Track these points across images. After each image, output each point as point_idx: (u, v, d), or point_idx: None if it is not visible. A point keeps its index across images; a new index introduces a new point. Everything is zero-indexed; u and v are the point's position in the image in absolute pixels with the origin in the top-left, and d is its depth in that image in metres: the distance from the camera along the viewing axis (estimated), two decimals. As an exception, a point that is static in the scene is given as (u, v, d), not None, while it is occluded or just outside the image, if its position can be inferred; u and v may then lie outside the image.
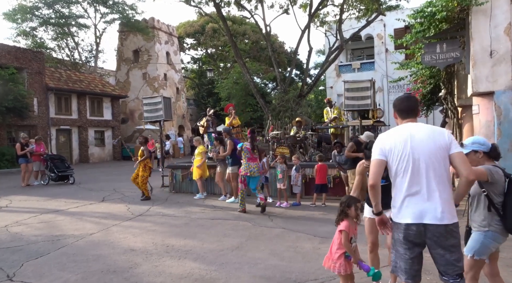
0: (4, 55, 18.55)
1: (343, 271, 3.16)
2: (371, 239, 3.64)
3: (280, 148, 9.91)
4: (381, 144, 2.58)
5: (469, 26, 7.47)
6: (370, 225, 3.59)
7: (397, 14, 18.55)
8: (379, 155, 2.55)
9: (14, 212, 7.85)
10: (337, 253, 3.16)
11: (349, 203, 3.22)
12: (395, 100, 2.79)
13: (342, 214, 3.22)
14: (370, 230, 3.62)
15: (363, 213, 3.67)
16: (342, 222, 3.20)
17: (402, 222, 2.50)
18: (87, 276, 4.06)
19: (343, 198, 3.37)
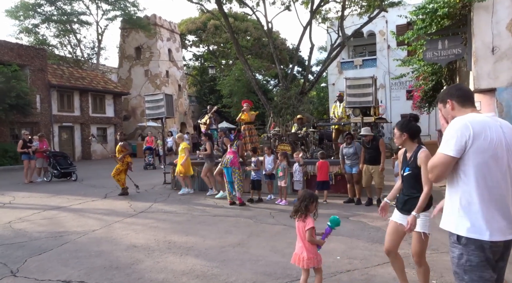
0: (6, 53, 18.60)
1: (320, 263, 3.23)
2: (388, 246, 3.30)
3: (282, 145, 9.93)
4: (459, 137, 1.99)
5: (471, 22, 7.46)
6: (391, 228, 3.30)
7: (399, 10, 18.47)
8: (455, 151, 2.00)
9: (17, 208, 7.91)
10: (313, 248, 3.20)
11: (313, 199, 3.24)
12: (446, 90, 2.35)
13: (305, 210, 3.20)
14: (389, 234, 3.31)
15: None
16: (307, 218, 3.20)
17: (486, 239, 1.95)
18: (89, 272, 4.10)
19: (304, 193, 3.29)
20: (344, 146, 7.85)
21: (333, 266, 4.14)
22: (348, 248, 4.76)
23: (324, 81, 29.43)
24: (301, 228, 3.23)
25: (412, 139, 3.15)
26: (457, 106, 2.21)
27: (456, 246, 2.06)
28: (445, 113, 2.30)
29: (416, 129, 3.18)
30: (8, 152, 16.94)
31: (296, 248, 3.29)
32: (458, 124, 2.03)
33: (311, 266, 3.17)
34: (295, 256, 3.26)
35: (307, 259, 3.15)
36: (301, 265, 3.18)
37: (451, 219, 2.08)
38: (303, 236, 3.20)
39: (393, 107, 22.64)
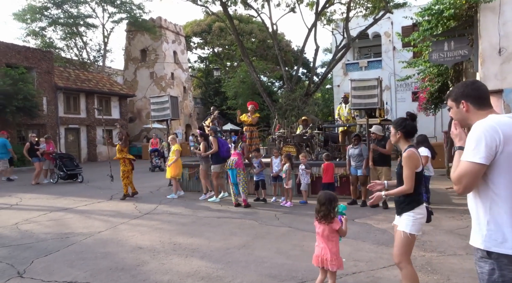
0: (14, 55, 18.79)
1: (342, 266, 3.26)
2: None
3: (287, 146, 9.91)
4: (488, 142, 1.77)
5: (478, 23, 7.41)
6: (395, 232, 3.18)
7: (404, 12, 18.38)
8: (484, 157, 1.77)
9: (24, 209, 7.97)
10: (337, 251, 3.21)
11: (336, 200, 3.28)
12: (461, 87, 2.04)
13: (332, 212, 3.19)
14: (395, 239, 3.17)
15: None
16: (334, 219, 3.21)
17: None
18: (95, 273, 4.12)
19: (327, 195, 3.27)
20: (351, 147, 7.86)
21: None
22: (354, 250, 4.74)
23: (329, 83, 29.38)
24: (326, 230, 3.20)
25: (406, 138, 3.11)
26: (473, 109, 1.95)
27: (486, 261, 1.84)
28: (455, 113, 2.04)
29: (410, 128, 3.12)
30: (15, 153, 17.07)
31: (317, 250, 3.27)
32: (484, 127, 1.80)
33: (335, 269, 3.17)
34: (316, 258, 3.26)
35: (330, 260, 3.15)
36: (325, 266, 3.17)
37: (480, 234, 1.88)
38: (327, 238, 3.21)
39: (399, 109, 22.53)
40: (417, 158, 3.03)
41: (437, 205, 7.18)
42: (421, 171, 3.08)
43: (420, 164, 3.05)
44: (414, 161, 3.00)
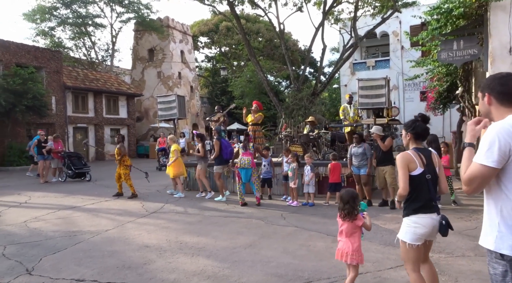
0: (23, 55, 19.01)
1: (363, 261, 3.37)
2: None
3: (293, 146, 9.89)
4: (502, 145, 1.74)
5: (488, 22, 7.31)
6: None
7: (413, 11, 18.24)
8: (497, 161, 1.74)
9: (33, 208, 8.06)
10: (358, 246, 3.31)
11: (357, 197, 3.38)
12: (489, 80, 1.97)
13: (356, 210, 3.28)
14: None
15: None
16: (358, 216, 3.30)
17: None
18: (102, 272, 4.14)
19: (350, 193, 3.33)
20: (353, 146, 7.80)
21: (345, 269, 4.09)
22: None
23: (336, 83, 29.27)
24: (349, 226, 3.31)
25: (416, 140, 3.01)
26: (495, 103, 1.88)
27: (499, 262, 1.82)
28: (480, 104, 1.99)
29: (420, 130, 2.99)
30: (24, 152, 17.28)
31: (339, 244, 3.38)
32: (500, 130, 1.76)
33: (355, 263, 3.29)
34: (338, 251, 3.37)
35: (351, 255, 3.27)
36: (345, 260, 3.31)
37: (492, 236, 1.85)
38: (350, 234, 3.31)
39: (407, 108, 22.34)
40: (410, 159, 2.89)
41: (445, 205, 7.12)
42: (419, 174, 2.86)
43: (416, 166, 2.87)
44: (404, 161, 2.88)
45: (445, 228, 2.83)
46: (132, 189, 9.06)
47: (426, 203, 2.87)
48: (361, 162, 7.62)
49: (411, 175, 2.87)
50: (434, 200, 2.90)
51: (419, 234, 2.85)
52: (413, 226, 2.86)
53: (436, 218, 2.87)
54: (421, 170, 2.87)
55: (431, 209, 2.88)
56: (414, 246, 2.86)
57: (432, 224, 2.86)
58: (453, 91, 11.12)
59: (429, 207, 2.88)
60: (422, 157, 2.93)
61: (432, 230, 2.87)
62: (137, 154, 25.28)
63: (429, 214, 2.86)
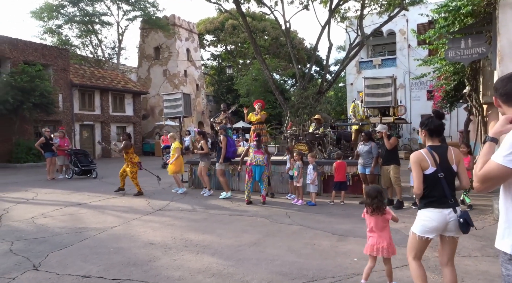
0: (31, 53, 19.17)
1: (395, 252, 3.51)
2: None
3: (299, 144, 9.88)
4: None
5: (496, 20, 7.23)
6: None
7: (420, 9, 18.12)
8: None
9: (40, 204, 8.14)
10: (391, 239, 3.47)
11: (382, 192, 3.53)
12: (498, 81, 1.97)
13: (384, 204, 3.43)
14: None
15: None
16: (386, 210, 3.46)
17: None
18: (108, 268, 4.17)
19: (375, 188, 3.50)
20: (361, 143, 7.79)
21: (350, 268, 4.09)
22: (366, 250, 4.69)
23: (342, 81, 29.15)
24: (379, 220, 3.44)
25: (431, 136, 3.02)
26: (504, 105, 1.88)
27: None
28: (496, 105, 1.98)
29: (433, 126, 3.00)
30: (32, 149, 17.46)
31: (371, 240, 3.50)
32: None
33: (390, 256, 3.43)
34: (371, 247, 3.47)
35: (386, 248, 3.40)
36: (381, 254, 3.41)
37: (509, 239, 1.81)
38: (381, 228, 3.45)
39: (413, 107, 22.23)
40: (422, 159, 2.94)
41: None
42: (431, 173, 2.91)
43: (428, 165, 2.91)
44: (417, 161, 2.94)
45: (464, 225, 2.85)
46: (138, 187, 9.10)
47: (439, 199, 2.91)
48: (367, 160, 7.59)
49: (424, 174, 2.93)
50: (449, 197, 2.90)
51: (428, 227, 2.92)
52: (423, 219, 2.95)
53: (449, 214, 2.88)
54: (433, 169, 2.91)
55: (444, 205, 2.90)
56: (423, 238, 2.95)
57: (443, 219, 2.88)
58: (461, 90, 11.02)
59: (441, 203, 2.90)
60: (435, 155, 2.94)
61: (443, 225, 2.89)
62: (142, 151, 25.41)
63: (440, 209, 2.90)
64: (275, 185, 9.34)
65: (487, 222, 5.95)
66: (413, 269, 3.07)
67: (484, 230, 5.46)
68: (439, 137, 3.04)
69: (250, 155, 8.09)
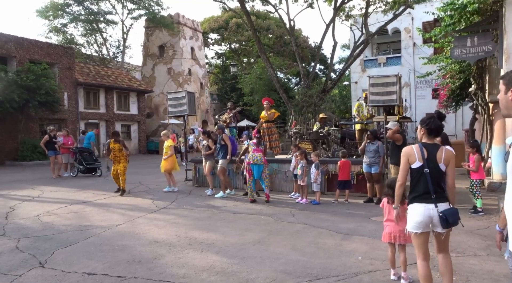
0: (37, 51, 19.28)
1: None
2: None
3: (303, 143, 9.86)
4: None
5: (503, 18, 7.17)
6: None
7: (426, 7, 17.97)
8: None
9: (45, 202, 8.20)
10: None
11: None
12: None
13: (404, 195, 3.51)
14: None
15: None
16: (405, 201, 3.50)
17: None
18: (113, 266, 4.20)
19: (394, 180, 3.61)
20: (368, 142, 7.73)
21: (354, 266, 4.08)
22: (370, 248, 4.68)
23: (346, 80, 29.05)
24: (400, 210, 3.54)
25: (429, 135, 3.13)
26: None
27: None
28: (501, 98, 1.96)
29: (434, 126, 3.12)
30: (37, 147, 17.57)
31: (388, 228, 3.74)
32: None
33: (407, 243, 3.62)
34: (389, 235, 3.71)
35: (404, 236, 3.56)
36: (398, 241, 3.66)
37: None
38: (403, 217, 3.51)
39: (418, 106, 22.11)
40: (410, 153, 3.09)
41: (457, 204, 7.01)
42: (417, 167, 3.04)
43: (415, 160, 3.05)
44: (405, 155, 3.11)
45: (444, 221, 2.95)
46: (124, 184, 8.96)
47: (423, 194, 3.04)
48: (373, 159, 7.54)
49: (410, 167, 3.09)
50: (432, 192, 3.01)
51: (414, 221, 3.06)
52: (411, 214, 3.11)
53: (432, 209, 2.99)
54: (419, 164, 3.06)
55: (427, 200, 3.02)
56: (413, 234, 3.09)
57: (427, 214, 3.00)
58: (466, 88, 10.95)
59: (425, 198, 3.03)
60: (425, 151, 3.07)
61: (428, 219, 3.02)
62: (147, 150, 25.49)
63: (423, 204, 3.03)
64: (279, 183, 9.35)
65: (493, 222, 5.91)
66: (418, 269, 3.18)
67: (489, 230, 5.43)
68: (436, 137, 3.18)
69: (249, 153, 8.07)
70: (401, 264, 3.70)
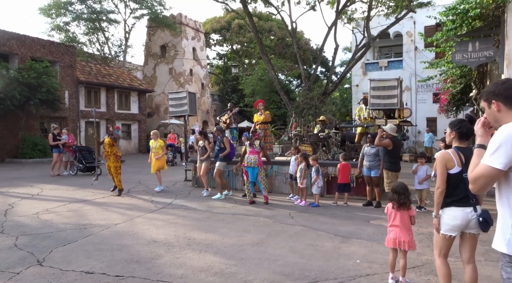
0: (39, 49, 19.30)
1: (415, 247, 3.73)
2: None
3: (303, 145, 9.86)
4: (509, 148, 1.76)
5: (505, 23, 7.18)
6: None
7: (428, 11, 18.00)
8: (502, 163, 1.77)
9: (44, 200, 8.20)
10: (412, 234, 3.71)
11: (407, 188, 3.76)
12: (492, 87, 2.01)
13: (409, 200, 3.65)
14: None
15: None
16: (411, 206, 3.69)
17: None
18: (111, 265, 4.20)
19: (401, 185, 3.72)
20: (367, 145, 7.72)
21: (352, 270, 4.08)
22: (369, 252, 4.68)
23: (347, 82, 29.06)
24: (405, 216, 3.67)
25: (460, 139, 3.14)
26: (504, 108, 1.90)
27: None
28: (488, 114, 2.01)
29: (465, 130, 3.12)
30: (37, 145, 17.59)
31: (392, 234, 3.71)
32: (508, 132, 1.77)
33: (411, 249, 3.69)
34: (394, 241, 3.69)
35: (408, 242, 3.63)
36: (403, 247, 3.64)
37: (504, 239, 1.83)
38: (408, 223, 3.67)
39: (419, 110, 22.11)
40: (448, 159, 3.08)
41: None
42: (456, 173, 3.05)
43: (454, 165, 3.06)
44: (443, 160, 3.09)
45: (484, 223, 2.98)
46: (120, 184, 8.83)
47: (461, 198, 3.04)
48: (372, 162, 7.52)
49: (449, 173, 3.07)
50: (471, 196, 3.03)
51: (450, 225, 3.07)
52: (446, 218, 3.09)
53: (470, 212, 3.02)
54: (458, 169, 3.06)
55: (465, 203, 3.03)
56: (447, 236, 3.11)
57: (464, 217, 3.02)
58: (467, 93, 10.97)
59: (463, 202, 3.04)
60: (462, 156, 3.06)
61: (465, 222, 3.04)
62: (147, 149, 25.45)
63: (461, 208, 3.05)
64: (278, 185, 9.35)
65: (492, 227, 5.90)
66: (439, 267, 3.22)
67: (488, 235, 5.40)
68: (467, 140, 3.18)
69: (246, 155, 8.09)
70: (400, 269, 3.69)
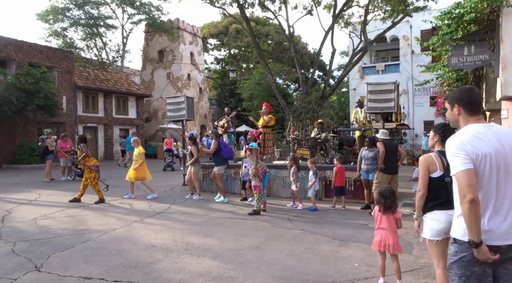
0: (36, 55, 19.31)
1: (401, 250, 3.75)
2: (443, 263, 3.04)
3: (301, 149, 9.89)
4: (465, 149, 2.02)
5: (500, 28, 7.26)
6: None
7: (424, 15, 18.16)
8: (467, 164, 2.00)
9: (42, 205, 8.17)
10: (398, 237, 3.74)
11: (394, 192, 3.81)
12: (457, 92, 2.27)
13: (395, 204, 3.70)
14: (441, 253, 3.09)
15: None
16: (397, 210, 3.73)
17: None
18: (109, 270, 4.19)
19: (388, 189, 3.75)
20: (364, 148, 7.74)
21: (350, 273, 4.09)
22: (367, 255, 4.69)
23: (345, 86, 29.20)
24: (391, 219, 3.70)
25: (443, 142, 3.08)
26: (464, 113, 2.20)
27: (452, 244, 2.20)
28: (448, 114, 2.31)
29: (449, 134, 3.02)
30: (35, 150, 17.53)
31: (378, 236, 3.73)
32: (457, 143, 2.07)
33: (396, 253, 3.68)
34: (379, 243, 3.70)
35: (393, 245, 3.65)
36: (389, 250, 3.66)
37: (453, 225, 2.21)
38: (394, 226, 3.70)
39: (416, 113, 22.20)
40: (430, 162, 3.05)
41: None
42: (438, 176, 3.01)
43: (436, 169, 3.03)
44: (425, 163, 3.06)
45: None
46: (99, 194, 8.52)
47: (443, 202, 3.02)
48: (370, 166, 7.54)
49: (430, 177, 3.04)
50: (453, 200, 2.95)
51: (435, 229, 3.04)
52: (430, 222, 3.07)
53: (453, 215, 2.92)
54: (440, 173, 3.04)
55: (447, 206, 2.97)
56: (434, 242, 3.05)
57: (448, 220, 2.95)
58: (464, 97, 11.02)
59: (445, 205, 3.00)
60: (444, 160, 3.03)
61: (449, 225, 2.91)
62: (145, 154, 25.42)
63: (444, 210, 3.01)
64: (276, 189, 9.35)
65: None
66: (439, 278, 3.09)
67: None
68: None
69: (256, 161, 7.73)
70: (395, 272, 3.70)
